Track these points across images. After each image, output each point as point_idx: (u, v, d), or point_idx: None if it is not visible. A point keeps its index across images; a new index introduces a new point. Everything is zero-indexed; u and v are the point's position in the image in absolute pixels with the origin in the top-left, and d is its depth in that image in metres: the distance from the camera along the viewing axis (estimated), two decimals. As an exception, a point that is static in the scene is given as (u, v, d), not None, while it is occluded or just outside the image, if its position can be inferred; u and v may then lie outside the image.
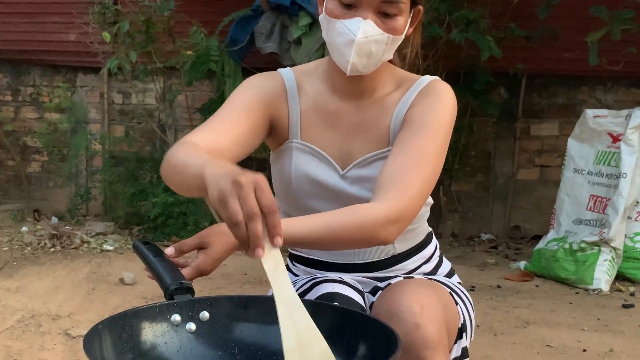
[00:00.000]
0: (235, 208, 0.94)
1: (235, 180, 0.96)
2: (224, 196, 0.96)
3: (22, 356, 2.65)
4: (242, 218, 0.94)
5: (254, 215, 0.94)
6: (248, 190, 0.95)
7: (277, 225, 0.96)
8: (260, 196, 0.95)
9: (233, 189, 0.95)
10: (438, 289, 1.41)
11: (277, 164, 1.51)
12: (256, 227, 0.94)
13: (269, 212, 0.95)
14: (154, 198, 4.87)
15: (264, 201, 0.95)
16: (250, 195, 0.94)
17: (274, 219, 0.96)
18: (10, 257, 4.38)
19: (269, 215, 0.95)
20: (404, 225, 1.31)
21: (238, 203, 0.94)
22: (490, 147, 5.49)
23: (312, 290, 1.40)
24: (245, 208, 0.94)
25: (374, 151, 1.44)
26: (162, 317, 1.08)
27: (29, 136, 5.98)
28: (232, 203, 0.94)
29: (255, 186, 0.96)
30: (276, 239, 0.97)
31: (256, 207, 0.94)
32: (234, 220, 0.94)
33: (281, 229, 0.97)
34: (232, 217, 0.94)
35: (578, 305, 3.63)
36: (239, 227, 0.94)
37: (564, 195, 4.41)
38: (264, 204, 0.95)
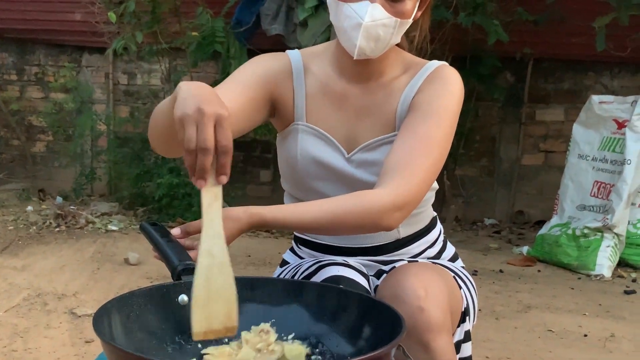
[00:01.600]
0: (191, 135, 0.97)
1: (200, 107, 0.98)
2: (184, 119, 0.99)
3: (28, 334, 2.68)
4: (194, 146, 0.97)
5: (205, 149, 0.97)
6: (207, 121, 0.98)
7: (226, 165, 0.99)
8: (218, 132, 0.98)
9: (194, 115, 0.98)
10: (442, 272, 1.42)
11: (283, 145, 1.51)
12: (204, 160, 0.97)
13: (222, 151, 0.99)
14: (158, 179, 4.89)
15: (221, 139, 0.98)
16: (208, 128, 0.97)
17: (225, 159, 0.99)
18: (15, 236, 4.40)
19: (221, 154, 0.99)
20: (408, 212, 1.32)
21: (195, 131, 0.97)
22: (495, 131, 5.49)
23: (317, 273, 1.41)
24: (200, 138, 0.97)
25: (380, 135, 1.44)
26: (170, 297, 1.09)
27: (34, 116, 6.00)
28: (190, 129, 0.98)
29: (217, 120, 0.99)
30: (221, 177, 1.00)
31: (210, 141, 0.97)
32: (186, 147, 0.97)
33: (229, 169, 1.00)
34: (186, 142, 0.97)
35: (580, 290, 3.65)
36: (190, 154, 0.98)
37: (568, 180, 4.41)
38: (219, 142, 0.98)
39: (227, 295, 0.99)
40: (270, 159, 5.70)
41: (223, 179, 1.00)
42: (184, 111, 0.99)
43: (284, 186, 1.57)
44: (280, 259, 1.67)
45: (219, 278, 0.98)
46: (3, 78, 6.05)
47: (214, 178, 1.00)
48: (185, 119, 0.99)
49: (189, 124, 0.98)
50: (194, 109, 0.99)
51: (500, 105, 5.42)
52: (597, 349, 2.77)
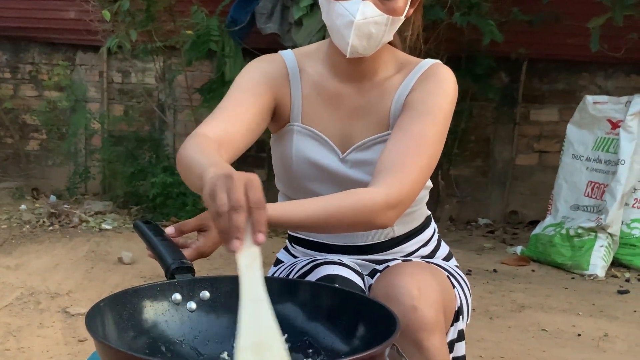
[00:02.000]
0: (222, 199, 0.93)
1: (228, 174, 0.96)
2: (214, 189, 0.95)
3: (21, 333, 2.67)
4: (227, 209, 0.93)
5: (238, 207, 0.92)
6: (238, 184, 0.94)
7: (262, 222, 0.94)
8: (250, 192, 0.94)
9: (224, 183, 0.95)
10: (436, 272, 1.42)
11: (278, 146, 1.51)
12: (238, 218, 0.92)
13: (256, 208, 0.94)
14: (152, 178, 4.87)
15: (253, 196, 0.94)
16: (239, 189, 0.94)
17: (260, 215, 0.94)
18: (9, 234, 4.39)
19: (255, 211, 0.94)
20: (402, 210, 1.31)
21: (226, 196, 0.94)
22: (490, 131, 5.49)
23: (312, 272, 1.41)
24: (232, 199, 0.93)
25: (374, 134, 1.44)
26: (163, 296, 1.09)
27: (28, 114, 5.97)
28: (220, 194, 0.94)
29: (247, 182, 0.95)
30: (258, 235, 0.94)
31: (242, 200, 0.93)
32: (219, 211, 0.93)
33: (265, 227, 0.95)
34: (218, 207, 0.93)
35: (574, 290, 3.66)
36: (222, 218, 0.93)
37: (562, 180, 4.43)
38: (252, 199, 0.94)
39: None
40: (264, 159, 5.70)
41: (260, 237, 0.94)
42: (213, 183, 0.96)
43: (278, 186, 1.57)
44: (274, 258, 1.67)
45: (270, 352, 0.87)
46: (-3, 76, 6.02)
47: (249, 238, 0.94)
48: (215, 188, 0.95)
49: (220, 191, 0.94)
50: (222, 178, 0.96)
51: (495, 106, 5.43)
52: (591, 348, 2.78)
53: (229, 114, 1.36)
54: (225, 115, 1.36)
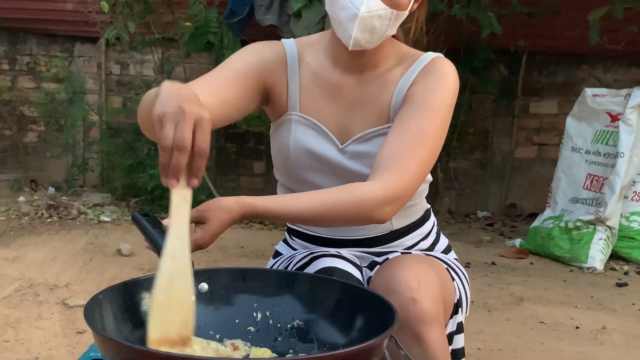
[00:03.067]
0: (168, 132, 0.94)
1: (180, 106, 0.96)
2: (163, 116, 0.96)
3: (20, 325, 2.67)
4: (171, 144, 0.94)
5: (181, 147, 0.94)
6: (188, 121, 0.95)
7: (200, 169, 0.97)
8: (197, 133, 0.95)
9: (174, 114, 0.95)
10: (435, 264, 1.42)
11: (276, 136, 1.50)
12: (180, 159, 0.94)
13: (198, 153, 0.95)
14: (151, 170, 4.87)
15: (198, 141, 0.95)
16: (187, 127, 0.94)
17: (200, 162, 0.96)
18: (7, 226, 4.38)
19: (197, 156, 0.96)
20: (400, 205, 1.31)
21: (173, 129, 0.94)
22: (489, 124, 5.49)
23: (310, 264, 1.41)
24: (177, 136, 0.94)
25: (373, 127, 1.43)
26: (162, 288, 1.08)
27: (26, 106, 5.96)
28: (168, 127, 0.95)
29: (197, 121, 0.96)
30: (193, 180, 0.97)
31: (187, 140, 0.94)
32: (162, 144, 0.94)
33: (202, 173, 0.98)
34: (163, 139, 0.94)
35: (572, 283, 3.66)
36: (164, 152, 0.94)
37: (561, 173, 4.43)
38: (197, 143, 0.95)
39: (185, 304, 0.97)
40: (263, 151, 5.69)
41: (195, 182, 0.97)
42: (164, 109, 0.97)
43: (277, 177, 1.56)
44: (274, 251, 1.67)
45: (179, 285, 0.97)
46: (-6, 68, 6.01)
47: (186, 180, 0.97)
48: (164, 116, 0.96)
49: (168, 121, 0.95)
50: (174, 107, 0.96)
51: (494, 98, 5.43)
52: (589, 341, 2.79)
53: (206, 84, 1.34)
54: (202, 85, 1.34)
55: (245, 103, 1.41)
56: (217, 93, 1.33)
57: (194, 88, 1.31)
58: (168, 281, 0.96)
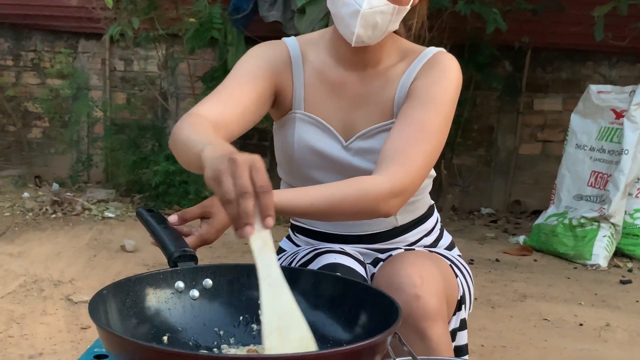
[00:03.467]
0: (229, 185, 0.93)
1: (231, 158, 0.95)
2: (218, 174, 0.95)
3: (24, 320, 2.68)
4: (235, 195, 0.93)
5: (246, 193, 0.92)
6: (243, 168, 0.94)
7: (269, 207, 0.94)
8: (254, 175, 0.94)
9: (228, 167, 0.94)
10: (438, 261, 1.42)
11: (280, 134, 1.50)
12: (247, 205, 0.92)
13: (262, 192, 0.94)
14: (155, 166, 4.87)
15: (258, 180, 0.94)
16: (244, 173, 0.93)
17: (267, 200, 0.94)
18: (11, 222, 4.40)
19: (262, 195, 0.94)
20: (406, 199, 1.31)
21: (232, 181, 0.93)
22: (493, 121, 5.48)
23: (314, 260, 1.41)
24: (238, 185, 0.92)
25: (377, 123, 1.43)
26: (166, 284, 1.08)
27: (30, 102, 5.97)
28: (226, 180, 0.94)
29: (251, 165, 0.95)
30: (267, 220, 0.95)
31: (249, 185, 0.93)
32: (226, 198, 0.93)
33: (273, 210, 0.95)
34: (225, 194, 0.93)
35: (576, 280, 3.66)
36: (230, 205, 0.93)
37: (565, 170, 4.42)
38: (258, 183, 0.94)
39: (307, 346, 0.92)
40: (267, 147, 5.68)
41: (269, 221, 0.95)
42: (216, 168, 0.96)
43: (281, 174, 1.56)
44: (277, 247, 1.67)
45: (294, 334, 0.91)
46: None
47: (260, 222, 0.95)
48: (219, 173, 0.95)
49: (225, 176, 0.94)
50: (225, 161, 0.95)
51: (498, 95, 5.41)
52: (592, 338, 2.78)
53: (225, 96, 1.35)
54: (221, 98, 1.35)
55: (262, 108, 1.42)
56: (237, 104, 1.35)
57: (212, 103, 1.33)
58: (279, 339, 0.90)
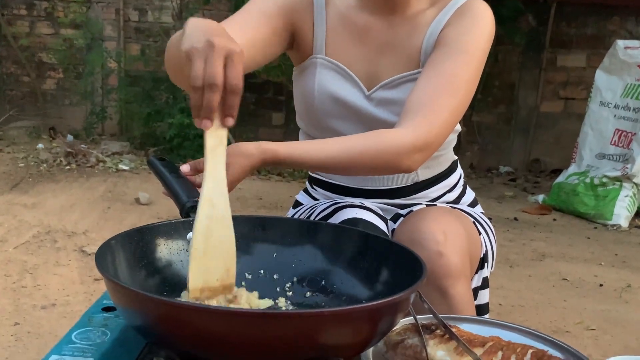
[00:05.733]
0: (198, 70, 0.87)
1: (209, 40, 0.89)
2: (192, 52, 0.89)
3: (38, 271, 2.66)
4: (202, 83, 0.87)
5: (213, 85, 0.87)
6: (217, 55, 0.88)
7: (234, 106, 0.90)
8: (229, 68, 0.88)
9: (203, 49, 0.88)
10: (461, 217, 1.36)
11: (300, 80, 1.43)
12: (212, 98, 0.87)
13: (231, 90, 0.88)
14: (169, 119, 4.82)
15: (230, 77, 0.88)
16: (217, 62, 0.87)
17: (234, 99, 0.89)
18: (26, 173, 4.38)
19: (229, 93, 0.89)
20: (429, 154, 1.26)
21: (203, 65, 0.88)
22: (515, 77, 5.36)
23: (334, 215, 1.36)
24: (207, 74, 0.87)
25: (403, 72, 1.36)
26: (178, 235, 1.04)
27: (44, 52, 5.90)
28: (198, 63, 0.88)
29: (228, 56, 0.89)
30: (227, 119, 0.90)
31: (219, 77, 0.87)
32: (193, 83, 0.88)
33: (237, 111, 0.90)
34: (193, 78, 0.87)
35: (596, 240, 3.60)
36: (195, 92, 0.88)
37: (588, 128, 4.32)
38: (228, 79, 0.88)
39: (226, 250, 0.92)
40: (282, 102, 5.61)
41: (230, 121, 0.90)
42: (192, 44, 0.90)
43: (299, 124, 1.50)
44: (292, 203, 1.62)
45: (219, 230, 0.91)
46: (12, 13, 5.92)
47: (220, 120, 0.90)
48: (193, 52, 0.89)
49: (197, 57, 0.88)
50: (202, 41, 0.89)
51: (521, 50, 5.28)
52: (613, 299, 2.73)
53: (233, 26, 1.27)
54: (229, 26, 1.26)
55: (273, 46, 1.35)
56: (244, 34, 1.27)
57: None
58: (207, 227, 0.90)
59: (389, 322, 0.84)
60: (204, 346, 0.76)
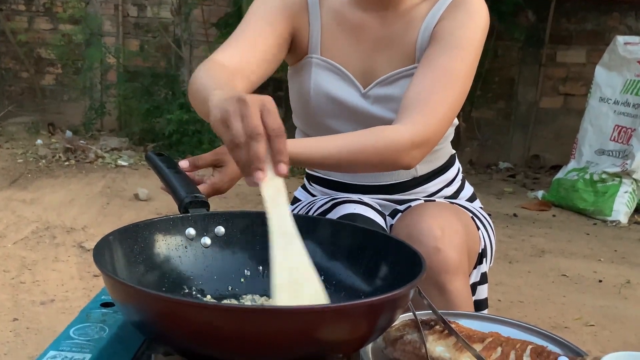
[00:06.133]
0: (238, 128, 0.84)
1: (240, 98, 0.86)
2: (226, 116, 0.86)
3: (37, 266, 2.66)
4: (245, 138, 0.84)
5: (257, 135, 0.83)
6: (253, 109, 0.85)
7: (283, 152, 0.85)
8: (266, 117, 0.85)
9: (237, 108, 0.85)
10: (459, 212, 1.36)
11: (295, 80, 1.43)
12: (258, 148, 0.83)
13: (275, 135, 0.85)
14: (168, 115, 4.82)
15: (270, 123, 0.85)
16: (254, 115, 0.84)
17: (280, 144, 0.85)
18: (24, 169, 4.38)
19: (274, 139, 0.85)
20: (428, 150, 1.25)
21: (241, 123, 0.84)
22: (515, 73, 5.35)
23: (332, 210, 1.35)
24: (248, 127, 0.83)
25: (398, 68, 1.36)
26: (176, 230, 1.03)
27: (43, 48, 5.89)
28: (235, 122, 0.85)
29: (262, 106, 0.86)
30: (280, 166, 0.86)
31: (260, 127, 0.84)
32: (235, 141, 0.84)
33: (287, 156, 0.86)
34: (234, 137, 0.84)
35: (595, 236, 3.60)
36: (240, 149, 0.84)
37: (588, 124, 4.31)
38: (270, 126, 0.84)
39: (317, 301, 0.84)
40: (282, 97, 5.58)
41: (283, 168, 0.85)
42: (224, 109, 0.86)
43: (296, 123, 1.50)
44: (292, 197, 1.61)
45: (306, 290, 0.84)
46: (11, 8, 5.91)
47: (272, 170, 0.86)
48: (227, 115, 0.86)
49: (234, 117, 0.85)
50: (233, 102, 0.86)
51: (520, 46, 5.27)
52: (612, 295, 2.73)
53: (244, 42, 1.29)
54: (240, 43, 1.28)
55: (281, 52, 1.35)
56: (256, 49, 1.28)
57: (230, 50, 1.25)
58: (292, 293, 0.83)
59: (389, 317, 0.83)
60: (202, 342, 0.75)
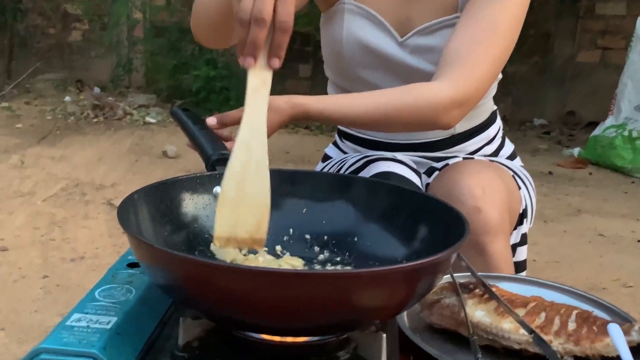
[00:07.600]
0: (247, 5, 0.82)
1: None
2: None
3: (66, 223, 2.67)
4: (249, 17, 0.81)
5: (261, 21, 0.81)
6: None
7: (282, 47, 0.83)
8: (279, 6, 0.82)
9: None
10: (500, 171, 1.30)
11: (327, 28, 1.36)
12: (258, 34, 0.81)
13: (280, 28, 0.82)
14: (195, 71, 4.77)
15: (281, 13, 0.82)
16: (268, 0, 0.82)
17: (282, 38, 0.83)
18: (53, 126, 4.38)
19: (278, 31, 0.82)
20: (468, 109, 1.19)
21: (252, 1, 0.82)
22: (550, 26, 5.17)
23: (365, 168, 1.30)
24: (256, 7, 0.81)
25: (439, 17, 1.28)
26: (204, 189, 0.99)
27: (69, 3, 5.84)
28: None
29: None
30: (274, 60, 0.83)
31: (267, 13, 0.81)
32: (239, 17, 0.82)
33: (284, 52, 0.84)
34: (240, 12, 0.82)
35: (634, 195, 3.52)
36: (242, 27, 0.82)
37: (627, 79, 4.17)
38: (279, 16, 0.82)
39: (260, 201, 0.85)
40: (310, 53, 5.50)
41: (276, 62, 0.84)
42: None
43: (327, 74, 1.43)
44: (320, 157, 1.56)
45: (254, 178, 0.84)
46: (37, -36, 5.87)
47: (265, 60, 0.84)
48: None
49: None
50: None
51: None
52: (652, 255, 2.67)
53: None
54: None
55: None
56: None
57: None
58: (241, 173, 0.83)
59: (429, 283, 0.78)
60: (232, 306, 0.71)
